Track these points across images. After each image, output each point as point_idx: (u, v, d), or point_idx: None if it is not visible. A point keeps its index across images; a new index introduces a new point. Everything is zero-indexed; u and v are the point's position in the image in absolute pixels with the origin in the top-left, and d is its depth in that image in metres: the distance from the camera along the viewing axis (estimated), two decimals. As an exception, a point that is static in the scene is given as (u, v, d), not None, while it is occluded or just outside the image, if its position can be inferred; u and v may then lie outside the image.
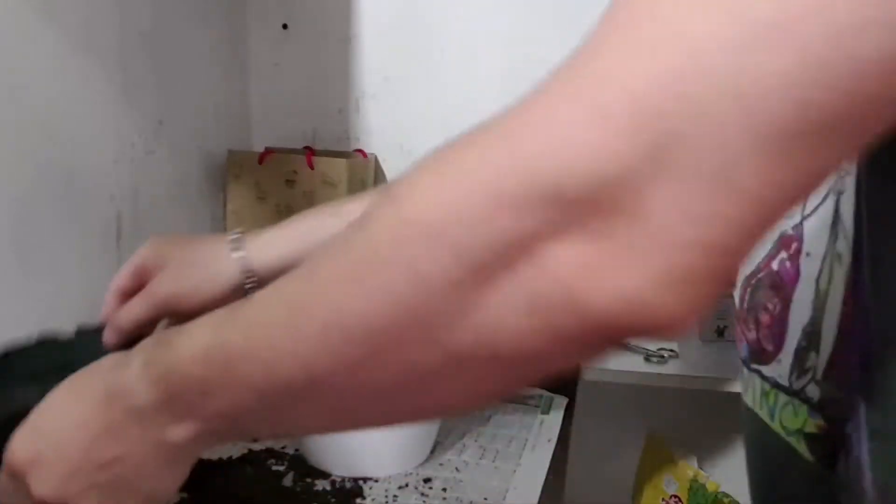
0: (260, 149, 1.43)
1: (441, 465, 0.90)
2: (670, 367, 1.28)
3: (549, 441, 0.97)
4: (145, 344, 0.45)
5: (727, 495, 1.40)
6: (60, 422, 0.45)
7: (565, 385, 1.16)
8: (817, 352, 0.46)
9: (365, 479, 0.85)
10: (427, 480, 0.86)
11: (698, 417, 1.48)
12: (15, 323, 0.90)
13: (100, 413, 0.44)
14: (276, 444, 0.92)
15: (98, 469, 0.44)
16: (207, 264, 0.63)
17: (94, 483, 0.44)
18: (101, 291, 1.05)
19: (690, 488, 1.36)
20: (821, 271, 0.46)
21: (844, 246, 0.43)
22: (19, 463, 0.46)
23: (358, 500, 0.81)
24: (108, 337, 0.64)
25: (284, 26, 1.47)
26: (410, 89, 1.45)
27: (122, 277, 0.67)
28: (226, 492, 0.81)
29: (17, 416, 0.47)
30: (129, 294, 0.66)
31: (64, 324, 0.98)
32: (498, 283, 0.30)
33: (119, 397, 0.43)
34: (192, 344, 0.41)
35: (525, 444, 0.96)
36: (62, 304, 0.97)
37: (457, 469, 0.89)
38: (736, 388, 1.27)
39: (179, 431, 0.42)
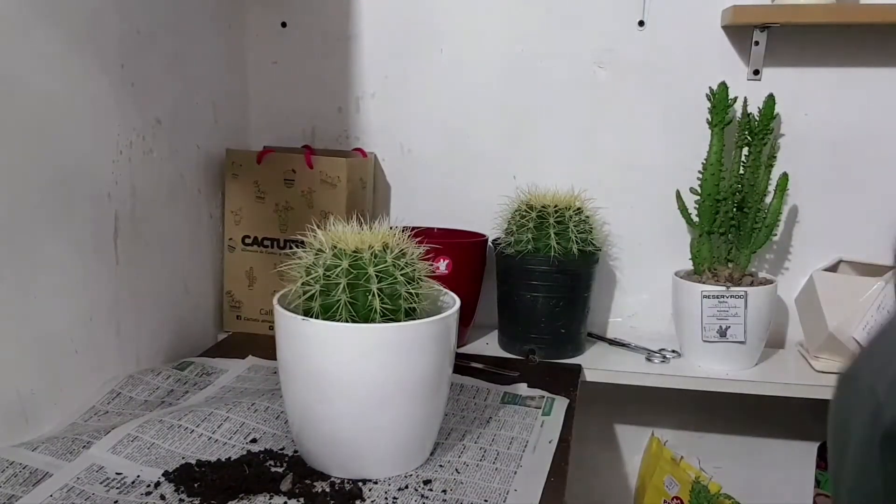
0: (258, 148, 1.43)
1: (441, 466, 0.90)
2: (671, 368, 1.28)
3: (550, 442, 0.96)
4: None
5: (729, 496, 1.39)
6: None
7: (566, 386, 1.15)
8: None
9: (364, 481, 0.85)
10: (427, 482, 0.85)
11: (700, 418, 1.47)
12: (13, 322, 0.89)
13: None
14: (275, 446, 0.92)
15: None
16: None
17: None
18: (98, 290, 1.06)
19: (692, 490, 1.35)
20: None
21: None
22: None
23: (357, 503, 0.80)
24: None
25: (283, 25, 1.46)
26: (410, 89, 1.44)
27: None
28: (224, 492, 0.80)
29: None
30: None
31: (61, 321, 0.97)
32: None
33: None
34: None
35: (526, 446, 0.95)
36: (59, 303, 0.96)
37: (457, 471, 0.89)
38: (737, 388, 1.26)
39: None
